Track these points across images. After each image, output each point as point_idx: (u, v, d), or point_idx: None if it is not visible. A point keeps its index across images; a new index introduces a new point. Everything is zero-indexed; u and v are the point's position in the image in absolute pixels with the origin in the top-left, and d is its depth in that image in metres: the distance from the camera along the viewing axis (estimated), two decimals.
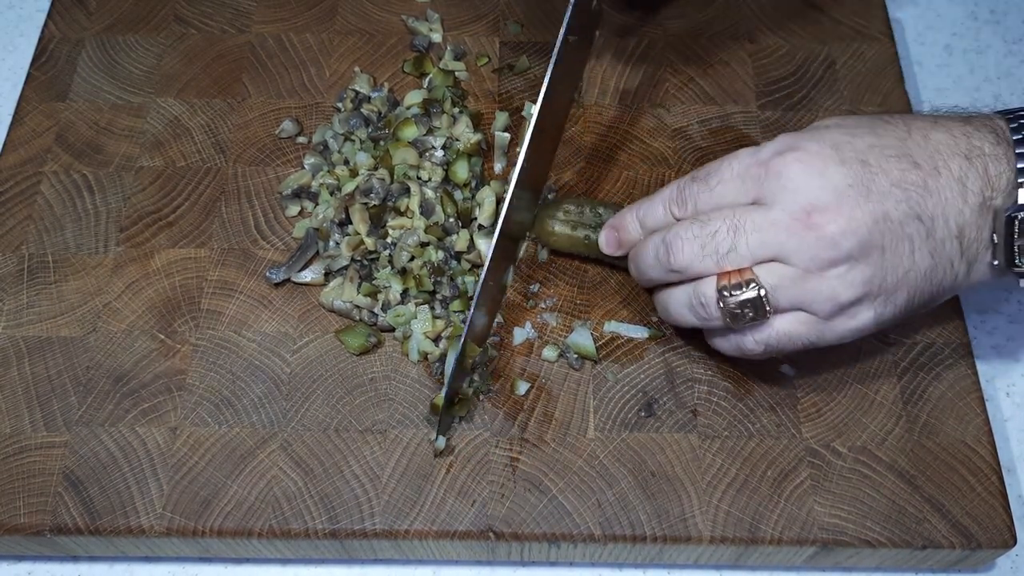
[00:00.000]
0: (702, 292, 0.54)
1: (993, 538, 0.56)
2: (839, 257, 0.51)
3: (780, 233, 0.51)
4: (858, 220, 0.51)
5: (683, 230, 0.54)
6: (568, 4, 0.61)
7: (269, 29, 0.77)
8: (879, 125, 0.54)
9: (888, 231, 0.51)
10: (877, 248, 0.51)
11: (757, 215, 0.52)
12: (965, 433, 0.59)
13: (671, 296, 0.57)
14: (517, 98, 0.73)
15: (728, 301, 0.53)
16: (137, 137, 0.71)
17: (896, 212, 0.51)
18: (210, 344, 0.63)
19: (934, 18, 0.84)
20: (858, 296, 0.52)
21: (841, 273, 0.52)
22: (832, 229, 0.51)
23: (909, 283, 0.53)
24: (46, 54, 0.76)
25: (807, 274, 0.52)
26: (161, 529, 0.56)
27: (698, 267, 0.54)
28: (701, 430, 0.59)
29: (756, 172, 0.53)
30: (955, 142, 0.53)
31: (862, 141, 0.53)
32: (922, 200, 0.52)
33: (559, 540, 0.56)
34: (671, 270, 0.55)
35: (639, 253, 0.58)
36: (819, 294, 0.52)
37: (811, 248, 0.51)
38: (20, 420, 0.60)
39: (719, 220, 0.53)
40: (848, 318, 0.53)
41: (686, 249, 0.54)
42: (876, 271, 0.52)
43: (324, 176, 0.68)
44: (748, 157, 0.54)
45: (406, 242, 0.63)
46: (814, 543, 0.56)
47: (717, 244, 0.53)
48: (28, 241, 0.67)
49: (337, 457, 0.59)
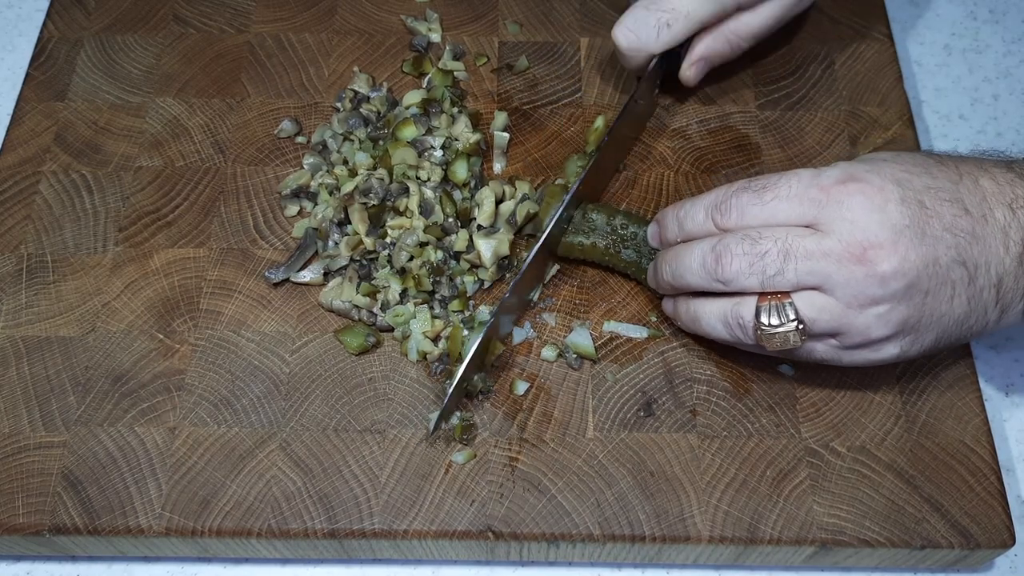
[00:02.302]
0: (740, 314, 0.54)
1: (992, 538, 0.56)
2: (884, 296, 0.51)
3: (831, 264, 0.51)
4: (911, 262, 0.50)
5: (734, 244, 0.53)
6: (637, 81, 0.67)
7: (268, 29, 0.77)
8: (933, 166, 0.54)
9: (935, 275, 0.51)
10: (921, 291, 0.51)
11: (810, 242, 0.51)
12: (964, 433, 0.59)
13: (705, 307, 0.56)
14: (516, 98, 0.73)
15: (765, 330, 0.53)
16: (136, 137, 0.71)
17: (945, 257, 0.51)
18: (209, 344, 0.63)
19: (933, 18, 0.84)
20: (889, 335, 0.52)
21: (880, 312, 0.51)
22: (885, 268, 0.50)
23: (941, 327, 0.53)
24: (45, 54, 0.76)
25: (847, 308, 0.52)
26: (160, 529, 0.56)
27: (742, 283, 0.53)
28: (700, 430, 0.59)
29: (816, 196, 0.52)
30: (1000, 190, 0.53)
31: (920, 181, 0.52)
32: (969, 247, 0.51)
33: (558, 540, 0.56)
34: (717, 280, 0.54)
35: (679, 257, 0.56)
36: (852, 327, 0.52)
37: (859, 284, 0.51)
38: (19, 420, 0.60)
39: (770, 241, 0.52)
40: (871, 351, 0.54)
41: (735, 264, 0.53)
42: (913, 313, 0.52)
43: (323, 176, 0.68)
44: (809, 179, 0.53)
45: (405, 242, 0.63)
46: (813, 543, 0.56)
47: (765, 265, 0.52)
48: (27, 241, 0.67)
49: (336, 457, 0.59)
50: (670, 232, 0.59)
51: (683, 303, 0.59)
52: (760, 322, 0.53)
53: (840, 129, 0.71)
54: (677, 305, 0.59)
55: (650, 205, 0.68)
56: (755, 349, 0.57)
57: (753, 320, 0.53)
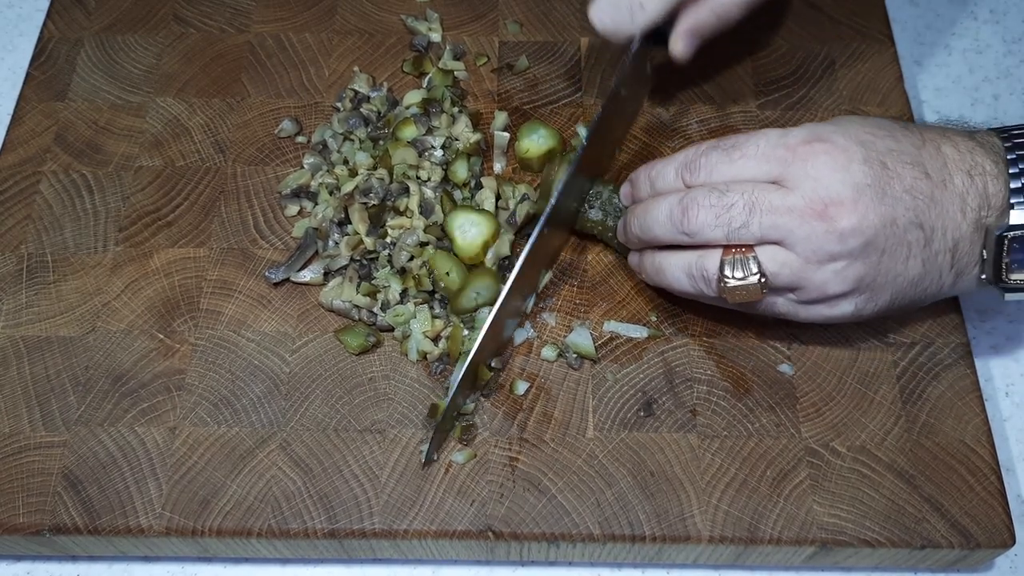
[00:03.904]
0: (704, 266, 0.55)
1: (992, 538, 0.56)
2: (842, 252, 0.52)
3: (794, 219, 0.52)
4: (869, 220, 0.52)
5: (701, 196, 0.54)
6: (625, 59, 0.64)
7: (268, 29, 0.77)
8: (897, 130, 0.55)
9: (892, 235, 0.53)
10: (878, 250, 0.53)
11: (775, 196, 0.53)
12: (964, 433, 0.59)
13: (670, 259, 0.57)
14: (516, 98, 0.73)
15: (728, 282, 0.54)
16: (136, 137, 0.71)
17: (903, 218, 0.53)
18: (209, 344, 0.63)
19: (933, 18, 0.84)
20: (845, 291, 0.54)
21: (838, 268, 0.53)
22: (844, 224, 0.52)
23: (896, 287, 0.54)
24: (45, 54, 0.76)
25: (806, 263, 0.53)
26: (160, 529, 0.56)
27: (708, 235, 0.54)
28: (700, 430, 0.59)
29: (782, 155, 0.54)
30: (961, 157, 0.54)
31: (883, 144, 0.54)
32: (927, 210, 0.53)
33: (558, 540, 0.56)
34: (683, 232, 0.55)
35: (647, 210, 0.58)
36: (810, 283, 0.54)
37: (819, 239, 0.52)
38: (19, 420, 0.60)
39: (736, 194, 0.53)
40: (828, 307, 0.55)
41: (701, 215, 0.54)
42: (869, 271, 0.53)
43: (323, 176, 0.68)
44: (776, 138, 0.54)
45: (405, 242, 0.63)
46: (813, 543, 0.56)
47: (731, 217, 0.53)
48: (27, 241, 0.67)
49: (336, 457, 0.59)
50: (642, 191, 0.60)
51: (648, 255, 0.60)
52: (724, 275, 0.54)
53: None
54: (643, 258, 0.60)
55: None
56: (716, 302, 0.58)
57: (717, 272, 0.54)
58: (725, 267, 0.54)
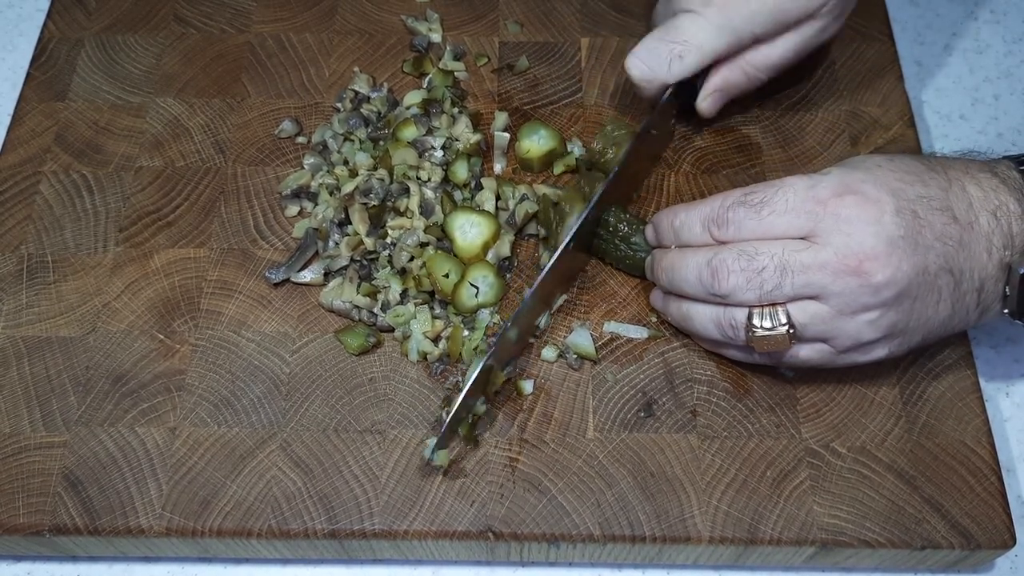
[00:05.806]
0: (733, 316, 0.55)
1: (992, 538, 0.56)
2: (876, 304, 0.52)
3: (827, 275, 0.52)
4: (903, 271, 0.52)
5: (731, 260, 0.54)
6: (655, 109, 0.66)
7: (269, 29, 0.77)
8: (924, 172, 0.55)
9: (924, 282, 0.53)
10: (910, 297, 0.53)
11: (806, 256, 0.52)
12: (964, 433, 0.59)
13: (698, 309, 0.57)
14: (516, 98, 0.73)
15: (756, 331, 0.54)
16: (136, 137, 0.71)
17: (934, 265, 0.53)
18: (209, 344, 0.63)
19: (933, 18, 0.84)
20: (879, 337, 0.54)
21: (871, 319, 0.53)
22: (879, 279, 0.51)
23: (927, 328, 0.55)
24: (45, 54, 0.76)
25: (839, 315, 0.53)
26: (160, 529, 0.56)
27: (740, 297, 0.54)
28: (700, 430, 0.59)
29: (812, 209, 0.53)
30: (985, 196, 0.54)
31: (913, 190, 0.53)
32: (956, 255, 0.53)
33: (558, 540, 0.56)
34: (713, 294, 0.55)
35: (674, 268, 0.57)
36: (843, 332, 0.54)
37: (853, 293, 0.52)
38: (19, 420, 0.60)
39: (767, 256, 0.53)
40: (862, 353, 0.56)
41: (732, 280, 0.54)
42: (902, 317, 0.53)
43: (324, 176, 0.68)
44: (805, 191, 0.53)
45: (406, 242, 0.63)
46: (813, 543, 0.56)
47: (763, 280, 0.53)
48: (27, 241, 0.67)
49: (336, 457, 0.59)
50: (666, 240, 0.59)
51: (675, 302, 0.60)
52: (752, 324, 0.54)
53: (841, 129, 0.71)
54: (668, 303, 0.60)
55: (650, 206, 0.68)
56: (743, 351, 0.58)
57: (745, 322, 0.54)
58: (754, 317, 0.54)
